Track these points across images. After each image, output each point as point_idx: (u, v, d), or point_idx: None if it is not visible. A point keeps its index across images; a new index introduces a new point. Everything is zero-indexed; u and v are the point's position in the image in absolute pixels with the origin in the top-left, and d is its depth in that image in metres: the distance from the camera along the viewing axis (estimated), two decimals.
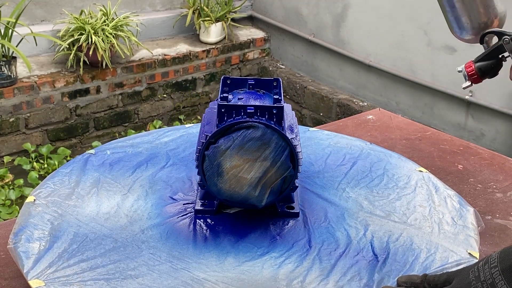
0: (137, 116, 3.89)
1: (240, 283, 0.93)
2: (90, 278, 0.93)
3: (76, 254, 0.99)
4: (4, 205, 2.98)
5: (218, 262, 0.98)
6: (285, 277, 0.95)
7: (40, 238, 1.02)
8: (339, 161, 1.33)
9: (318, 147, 1.39)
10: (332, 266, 0.97)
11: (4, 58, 3.24)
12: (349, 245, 1.03)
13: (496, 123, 3.21)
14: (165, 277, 0.94)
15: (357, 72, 3.90)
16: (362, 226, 1.08)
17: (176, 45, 4.05)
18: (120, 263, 0.98)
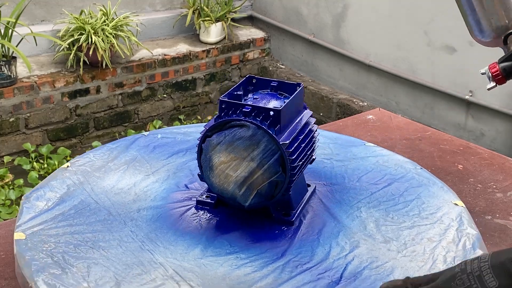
0: (137, 116, 3.89)
1: (189, 274, 0.94)
2: (64, 241, 1.01)
3: (68, 219, 1.08)
4: (4, 205, 2.98)
5: (184, 252, 1.00)
6: (236, 279, 0.93)
7: (49, 199, 1.12)
8: (375, 179, 1.26)
9: (363, 163, 1.33)
10: (289, 278, 0.93)
11: (4, 58, 3.24)
12: (322, 262, 0.98)
13: (496, 123, 3.21)
14: (127, 254, 0.99)
15: (357, 72, 3.90)
16: (350, 247, 1.02)
17: (176, 45, 4.05)
18: (99, 233, 1.04)
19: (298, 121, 1.11)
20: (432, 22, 3.33)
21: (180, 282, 0.92)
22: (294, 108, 1.11)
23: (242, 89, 1.11)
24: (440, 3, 3.24)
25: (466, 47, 3.17)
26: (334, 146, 1.40)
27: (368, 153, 1.37)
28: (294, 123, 1.09)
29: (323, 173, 1.27)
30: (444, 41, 3.30)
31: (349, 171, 1.29)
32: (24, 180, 3.18)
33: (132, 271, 0.95)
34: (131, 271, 0.94)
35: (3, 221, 1.32)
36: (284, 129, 1.04)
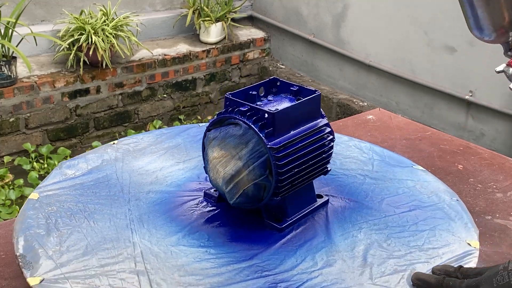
0: (137, 116, 3.89)
1: (151, 258, 0.96)
2: (67, 207, 1.07)
3: (83, 188, 1.14)
4: (4, 205, 2.98)
5: (161, 237, 1.01)
6: (191, 270, 0.93)
7: (78, 169, 1.20)
8: (399, 203, 1.16)
9: (397, 185, 1.23)
10: (240, 281, 0.92)
11: (4, 58, 3.24)
12: (284, 272, 0.95)
13: (496, 123, 3.21)
14: (111, 230, 1.02)
15: (357, 72, 3.90)
16: (323, 264, 0.97)
17: (176, 45, 4.05)
18: (100, 206, 1.09)
19: (304, 128, 1.06)
20: (432, 22, 3.33)
21: (138, 263, 0.94)
22: (301, 114, 1.05)
23: (263, 90, 1.10)
24: (440, 3, 3.24)
25: (466, 47, 3.17)
26: (378, 163, 1.31)
27: (410, 176, 1.27)
28: (297, 130, 1.05)
29: (348, 188, 1.21)
30: (444, 41, 3.30)
31: (377, 190, 1.21)
32: (24, 180, 3.18)
33: (104, 245, 0.98)
34: (103, 245, 0.98)
35: (3, 221, 1.32)
36: (280, 133, 1.01)
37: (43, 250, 0.95)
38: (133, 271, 0.92)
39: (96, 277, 0.90)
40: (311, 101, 1.06)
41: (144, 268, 0.93)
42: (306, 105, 1.06)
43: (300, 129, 1.05)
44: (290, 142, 1.02)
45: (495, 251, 1.10)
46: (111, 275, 0.91)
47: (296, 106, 1.04)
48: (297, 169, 1.03)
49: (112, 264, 0.93)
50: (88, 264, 0.93)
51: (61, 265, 0.92)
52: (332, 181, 1.21)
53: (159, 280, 0.91)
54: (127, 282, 0.90)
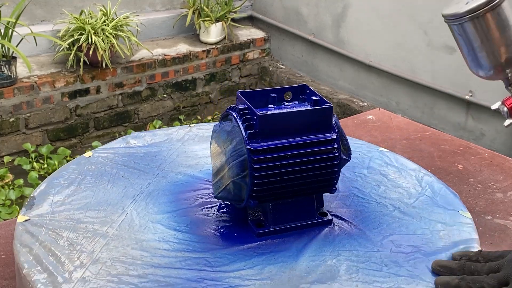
0: (137, 116, 3.89)
1: (128, 229, 1.00)
2: (102, 169, 1.17)
3: (131, 156, 1.23)
4: (4, 205, 2.98)
5: (151, 213, 1.06)
6: (151, 250, 0.96)
7: (142, 140, 1.30)
8: (404, 243, 1.01)
9: (421, 224, 1.08)
10: (169, 267, 0.93)
11: (4, 58, 3.25)
12: (215, 270, 0.94)
13: (496, 123, 3.21)
14: (115, 195, 1.09)
15: (357, 72, 3.90)
16: (258, 276, 0.93)
17: (176, 45, 4.05)
18: (129, 173, 1.17)
19: (299, 139, 1.00)
20: (432, 22, 3.34)
21: (110, 228, 1.00)
22: (300, 124, 1.00)
23: (291, 95, 1.06)
24: (440, 3, 3.24)
25: None
26: (424, 199, 1.15)
27: (446, 219, 1.08)
28: (290, 139, 0.99)
29: (366, 215, 1.09)
30: (444, 41, 3.30)
31: (395, 224, 1.06)
32: (24, 180, 3.18)
33: (99, 206, 1.05)
34: (98, 206, 1.05)
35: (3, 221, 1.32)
36: (265, 137, 0.98)
37: (51, 198, 1.07)
38: (100, 233, 0.98)
39: (67, 228, 0.99)
40: (313, 113, 1.00)
41: (111, 233, 0.99)
42: (305, 116, 1.00)
43: (293, 139, 0.99)
44: (274, 148, 0.98)
45: (495, 251, 1.10)
46: (80, 231, 0.98)
47: (289, 114, 0.99)
48: (279, 177, 0.98)
49: (89, 223, 1.01)
50: (72, 217, 1.02)
51: (52, 213, 1.02)
52: (357, 205, 1.12)
53: (111, 246, 0.95)
54: (84, 239, 0.97)
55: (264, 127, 0.97)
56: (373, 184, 1.20)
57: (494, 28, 0.97)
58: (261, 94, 1.04)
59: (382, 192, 1.18)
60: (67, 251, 0.94)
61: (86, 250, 0.94)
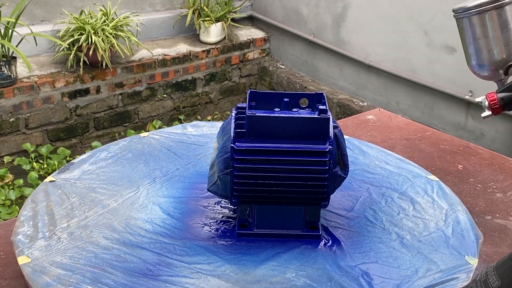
0: (137, 116, 3.89)
1: (126, 204, 1.07)
2: (149, 149, 1.27)
3: (178, 142, 1.29)
4: (4, 205, 2.98)
5: (159, 195, 1.11)
6: (136, 225, 1.01)
7: (198, 129, 1.38)
8: (377, 273, 0.97)
9: (415, 262, 1.01)
10: (136, 246, 0.99)
11: (4, 58, 3.24)
12: (172, 257, 0.97)
13: (496, 123, 3.21)
14: (141, 173, 1.17)
15: (357, 72, 3.90)
16: (206, 271, 0.94)
17: (176, 45, 4.05)
18: (167, 157, 1.23)
19: (288, 146, 0.98)
20: (432, 22, 3.33)
21: (114, 202, 1.06)
22: (292, 131, 0.98)
23: (307, 101, 1.03)
24: (440, 3, 3.24)
25: None
26: (437, 236, 1.07)
27: (450, 265, 1.01)
28: (278, 144, 0.98)
29: (360, 239, 1.04)
30: (444, 41, 3.30)
31: (381, 258, 1.01)
32: (24, 180, 3.18)
33: (119, 181, 1.14)
34: (118, 181, 1.14)
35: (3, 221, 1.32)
36: (253, 139, 0.97)
37: (85, 166, 1.18)
38: (102, 204, 1.06)
39: (78, 194, 1.08)
40: (306, 121, 0.97)
41: (111, 206, 1.06)
42: (297, 123, 0.97)
43: (282, 144, 0.97)
44: (258, 150, 0.97)
45: (495, 251, 1.10)
46: (87, 199, 1.06)
47: (280, 119, 0.97)
48: (260, 180, 0.97)
49: (100, 194, 1.09)
50: (89, 186, 1.11)
51: (77, 179, 1.14)
52: (361, 227, 1.08)
53: (102, 217, 1.02)
54: (85, 206, 1.05)
55: (252, 127, 0.96)
56: (393, 210, 1.14)
57: (497, 26, 1.09)
58: (273, 96, 1.02)
59: (397, 220, 1.11)
60: (64, 213, 1.01)
61: (80, 216, 1.01)
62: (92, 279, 0.89)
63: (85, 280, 0.89)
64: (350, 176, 1.17)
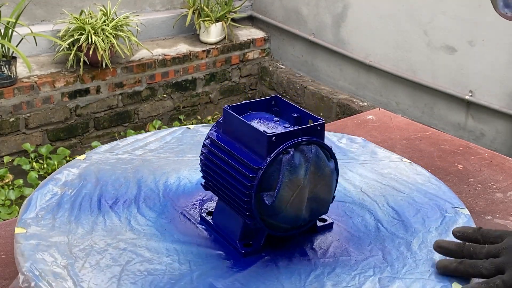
0: (137, 116, 3.89)
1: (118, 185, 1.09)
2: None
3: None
4: (4, 205, 2.98)
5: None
6: (117, 226, 0.99)
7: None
8: (343, 281, 0.88)
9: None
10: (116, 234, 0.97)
11: (4, 58, 3.25)
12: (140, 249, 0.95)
13: (496, 123, 3.21)
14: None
15: (357, 72, 3.90)
16: (162, 262, 0.90)
17: (176, 45, 4.05)
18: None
19: (238, 153, 0.93)
20: (432, 22, 3.34)
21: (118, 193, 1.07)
22: (249, 141, 0.92)
23: (297, 117, 0.97)
24: (440, 3, 3.24)
25: (466, 47, 3.17)
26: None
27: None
28: (237, 145, 0.94)
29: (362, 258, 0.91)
30: (444, 41, 3.30)
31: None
32: (24, 181, 3.18)
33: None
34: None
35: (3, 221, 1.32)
36: (226, 133, 0.95)
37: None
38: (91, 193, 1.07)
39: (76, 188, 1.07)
40: (251, 131, 0.91)
41: (107, 202, 1.04)
42: (246, 131, 0.92)
43: (233, 146, 0.93)
44: (215, 143, 0.96)
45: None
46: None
47: (238, 121, 0.93)
48: (209, 171, 0.97)
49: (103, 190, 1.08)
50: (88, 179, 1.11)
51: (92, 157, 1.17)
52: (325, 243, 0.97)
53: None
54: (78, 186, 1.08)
55: (224, 121, 0.96)
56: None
57: None
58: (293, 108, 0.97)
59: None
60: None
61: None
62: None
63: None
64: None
